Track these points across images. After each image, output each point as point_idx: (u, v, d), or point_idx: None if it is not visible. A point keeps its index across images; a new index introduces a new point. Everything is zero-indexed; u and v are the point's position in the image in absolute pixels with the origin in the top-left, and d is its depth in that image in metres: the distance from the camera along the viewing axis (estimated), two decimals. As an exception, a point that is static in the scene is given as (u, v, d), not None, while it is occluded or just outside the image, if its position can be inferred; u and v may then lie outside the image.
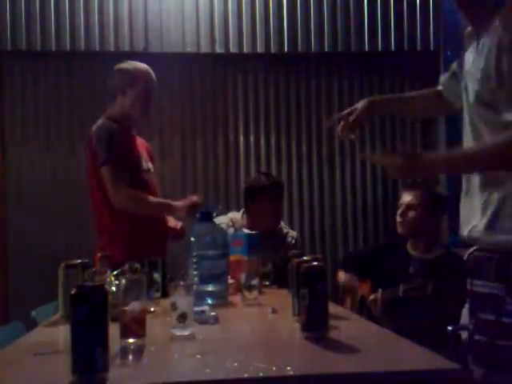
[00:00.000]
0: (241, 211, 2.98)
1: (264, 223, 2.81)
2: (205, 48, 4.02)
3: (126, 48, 3.94)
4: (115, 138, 2.43)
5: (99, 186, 2.45)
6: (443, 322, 2.13)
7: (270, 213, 2.85)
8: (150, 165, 2.65)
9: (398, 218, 2.62)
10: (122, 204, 2.41)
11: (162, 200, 2.56)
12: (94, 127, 2.47)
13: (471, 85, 1.34)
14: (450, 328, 2.06)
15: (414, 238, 2.62)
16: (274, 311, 1.76)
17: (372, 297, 2.51)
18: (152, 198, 2.49)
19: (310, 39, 4.10)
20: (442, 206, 2.66)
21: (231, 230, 2.78)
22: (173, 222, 2.68)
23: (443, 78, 1.67)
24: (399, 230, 2.63)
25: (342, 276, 2.76)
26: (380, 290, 2.48)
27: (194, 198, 2.50)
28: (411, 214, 2.57)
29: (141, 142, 2.70)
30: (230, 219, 2.89)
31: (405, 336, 1.31)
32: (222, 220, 2.79)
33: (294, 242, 2.96)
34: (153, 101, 2.61)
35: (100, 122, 2.49)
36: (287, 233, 2.98)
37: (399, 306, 2.43)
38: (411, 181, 4.05)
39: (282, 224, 3.06)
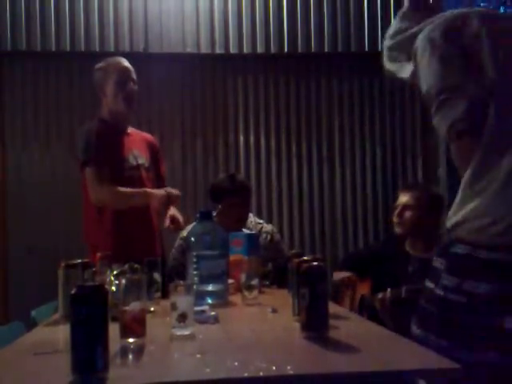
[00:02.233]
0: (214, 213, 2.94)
1: (227, 225, 2.63)
2: (205, 49, 4.03)
3: (126, 48, 3.94)
4: (93, 138, 2.45)
5: (83, 188, 2.50)
6: None
7: (233, 218, 2.78)
8: (143, 160, 2.60)
9: (395, 219, 2.63)
10: (102, 201, 2.44)
11: (138, 190, 2.50)
12: (77, 131, 2.52)
13: None
14: None
15: (412, 237, 2.63)
16: (274, 311, 1.76)
17: (380, 295, 2.49)
18: (129, 190, 2.46)
19: (310, 39, 4.10)
20: (439, 206, 2.66)
21: None
22: (171, 213, 2.62)
23: None
24: (396, 230, 2.65)
25: (338, 274, 2.75)
26: (389, 289, 2.47)
27: (171, 190, 2.52)
28: (408, 214, 2.58)
29: (140, 137, 2.69)
30: None
31: (406, 336, 1.32)
32: None
33: (269, 237, 2.90)
34: (131, 90, 2.54)
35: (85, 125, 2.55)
36: (261, 228, 2.91)
37: (401, 306, 2.42)
38: (410, 182, 4.07)
39: (256, 219, 3.00)
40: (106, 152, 2.46)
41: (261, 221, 3.04)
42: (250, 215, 2.98)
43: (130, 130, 2.67)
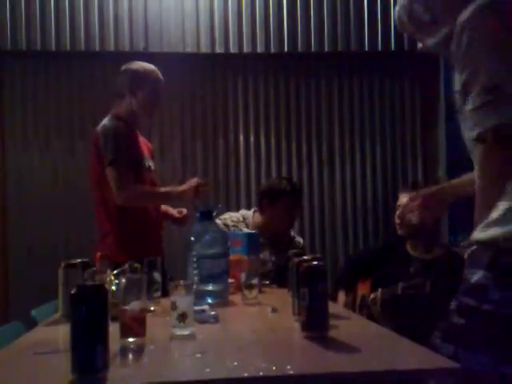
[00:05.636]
0: (251, 210, 3.00)
1: (278, 226, 2.85)
2: (205, 48, 4.02)
3: (126, 48, 3.94)
4: (121, 138, 2.47)
5: (99, 185, 2.48)
6: (440, 319, 2.13)
7: (286, 218, 2.88)
8: (151, 163, 2.68)
9: (397, 220, 2.62)
10: (128, 201, 2.44)
11: (166, 189, 2.60)
12: (100, 126, 2.49)
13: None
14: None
15: (413, 238, 2.62)
16: (274, 310, 1.76)
17: (372, 296, 2.51)
18: (157, 190, 2.59)
19: (310, 39, 4.10)
20: None
21: (242, 225, 2.84)
22: (173, 210, 2.74)
23: None
24: (399, 231, 2.64)
25: (341, 300, 2.74)
26: (380, 289, 2.48)
27: (195, 180, 2.52)
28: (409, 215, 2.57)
29: (142, 141, 2.73)
30: (241, 215, 2.94)
31: (403, 333, 1.32)
32: (233, 215, 2.90)
33: (300, 246, 2.98)
34: (161, 102, 2.66)
35: (106, 121, 2.51)
36: (294, 237, 3.01)
37: (398, 303, 2.43)
38: (411, 182, 4.06)
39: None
40: (132, 153, 2.50)
41: (295, 232, 3.17)
42: None
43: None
